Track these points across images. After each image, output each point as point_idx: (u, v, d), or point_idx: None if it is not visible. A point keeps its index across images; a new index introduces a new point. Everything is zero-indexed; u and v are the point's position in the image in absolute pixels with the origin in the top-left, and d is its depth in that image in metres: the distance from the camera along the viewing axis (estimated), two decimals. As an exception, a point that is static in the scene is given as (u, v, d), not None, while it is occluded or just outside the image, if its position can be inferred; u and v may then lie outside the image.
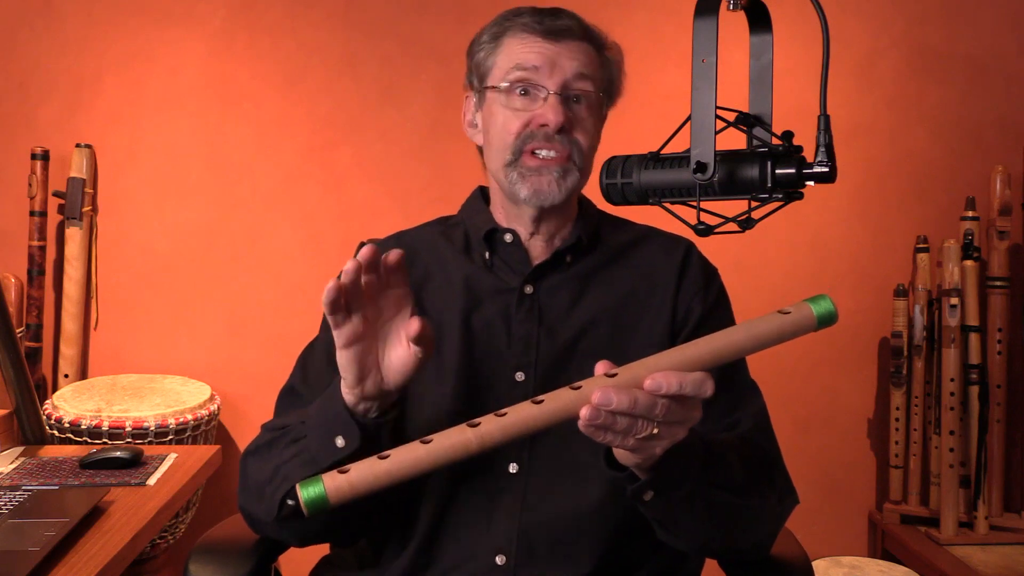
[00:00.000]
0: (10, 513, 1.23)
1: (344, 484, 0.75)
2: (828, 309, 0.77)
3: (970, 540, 2.25)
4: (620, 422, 0.77)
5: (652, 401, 0.76)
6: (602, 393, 0.75)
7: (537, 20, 1.10)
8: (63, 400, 2.05)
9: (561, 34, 1.09)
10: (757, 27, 0.95)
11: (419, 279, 1.15)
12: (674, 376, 0.76)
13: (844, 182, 1.70)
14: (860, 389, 2.47)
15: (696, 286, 1.14)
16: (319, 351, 1.15)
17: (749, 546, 1.05)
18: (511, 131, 1.09)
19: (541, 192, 1.09)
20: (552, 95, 1.07)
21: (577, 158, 1.09)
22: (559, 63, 1.08)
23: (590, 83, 1.10)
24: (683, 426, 0.81)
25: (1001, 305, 2.33)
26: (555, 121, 1.07)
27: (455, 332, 1.10)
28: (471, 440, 0.75)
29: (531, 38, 1.09)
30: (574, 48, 1.09)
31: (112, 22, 2.34)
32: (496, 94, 1.11)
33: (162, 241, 2.37)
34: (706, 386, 0.77)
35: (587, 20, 1.13)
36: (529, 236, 1.14)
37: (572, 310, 1.11)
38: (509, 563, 1.02)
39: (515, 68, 1.09)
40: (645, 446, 0.80)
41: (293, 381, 1.15)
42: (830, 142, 0.86)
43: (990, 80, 2.43)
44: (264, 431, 1.09)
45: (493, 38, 1.13)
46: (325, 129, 2.38)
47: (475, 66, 1.16)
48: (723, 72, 0.88)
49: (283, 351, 2.39)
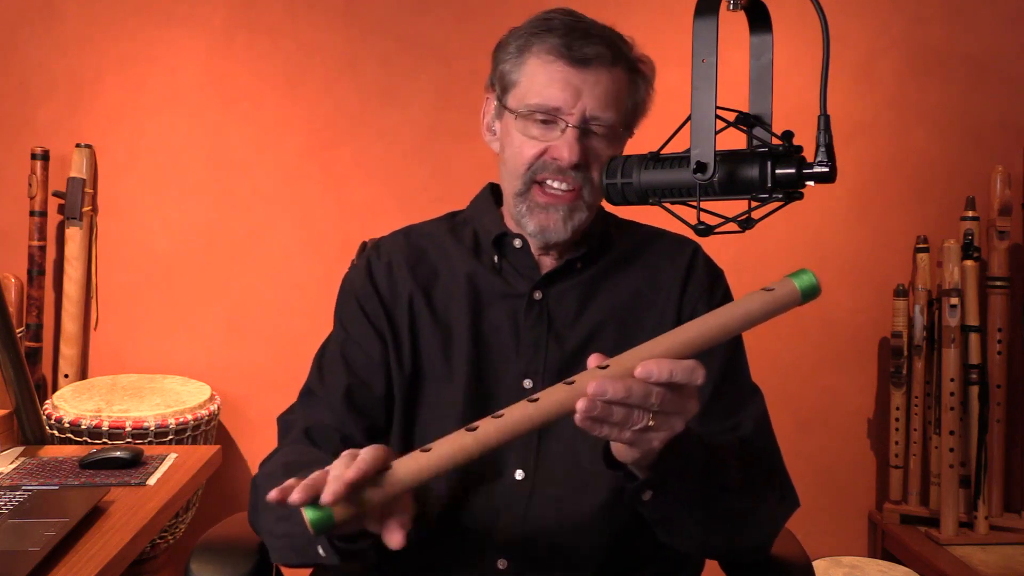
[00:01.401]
0: (10, 513, 1.23)
1: (352, 503, 0.74)
2: (811, 282, 0.78)
3: (970, 540, 2.25)
4: (616, 413, 0.76)
5: (647, 389, 0.75)
6: (597, 383, 0.75)
7: (565, 44, 1.04)
8: (63, 400, 2.05)
9: (589, 62, 1.04)
10: (757, 27, 0.95)
11: (427, 277, 1.14)
12: (665, 363, 0.76)
13: (844, 182, 1.70)
14: (860, 389, 2.47)
15: (701, 288, 1.14)
16: (332, 351, 1.14)
17: (748, 548, 1.05)
18: (524, 159, 1.07)
19: (547, 230, 1.08)
20: (570, 128, 1.04)
21: (587, 194, 1.07)
22: (583, 94, 1.04)
23: (613, 113, 1.06)
24: (680, 417, 0.79)
25: (1001, 305, 2.33)
26: (569, 160, 1.04)
27: (464, 335, 1.10)
28: (469, 445, 0.75)
29: (556, 63, 1.04)
30: (600, 78, 1.04)
31: (112, 22, 2.33)
32: (514, 117, 1.08)
33: (162, 241, 2.37)
34: (696, 373, 0.76)
35: (619, 34, 1.08)
36: (540, 253, 1.14)
37: (580, 315, 1.11)
38: (511, 568, 1.02)
39: (536, 104, 1.05)
40: (642, 439, 0.79)
41: (311, 383, 1.14)
42: (830, 142, 0.86)
43: (990, 80, 2.43)
44: (282, 448, 1.08)
45: (519, 51, 1.08)
46: (325, 129, 2.38)
47: (499, 74, 1.11)
48: (723, 72, 0.88)
49: (283, 351, 2.41)
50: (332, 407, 1.09)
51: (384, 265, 1.16)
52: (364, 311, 1.13)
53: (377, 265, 1.16)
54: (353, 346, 1.12)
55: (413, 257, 1.16)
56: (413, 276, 1.14)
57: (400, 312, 1.12)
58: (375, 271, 1.16)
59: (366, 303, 1.13)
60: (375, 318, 1.12)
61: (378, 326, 1.12)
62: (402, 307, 1.12)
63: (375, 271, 1.16)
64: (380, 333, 1.11)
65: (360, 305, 1.14)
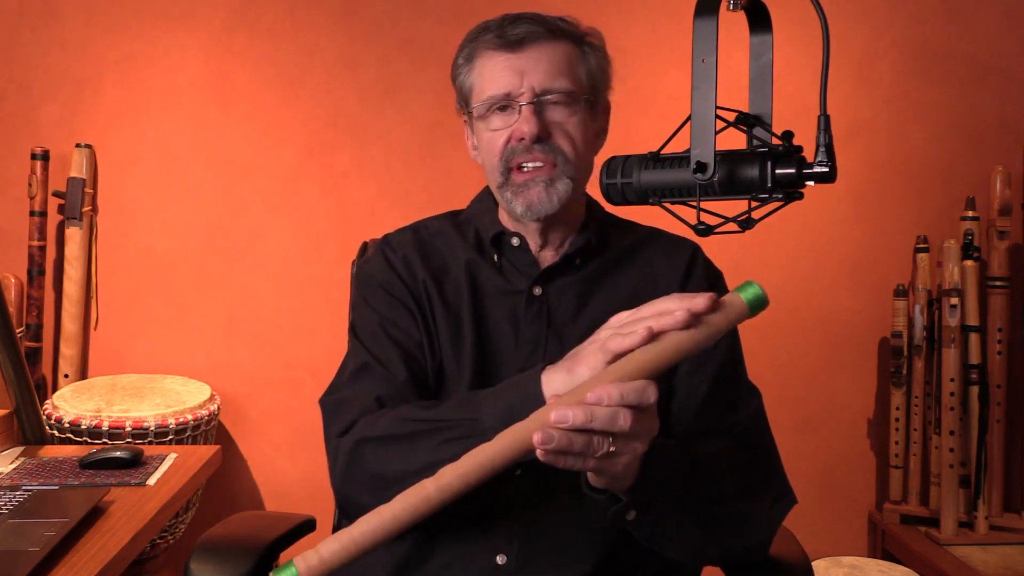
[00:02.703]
0: (10, 513, 1.23)
1: (316, 563, 0.74)
2: (756, 294, 0.77)
3: (970, 540, 2.25)
4: (576, 441, 0.74)
5: (612, 412, 0.74)
6: (558, 411, 0.74)
7: (498, 35, 1.08)
8: (63, 400, 2.05)
9: (522, 42, 1.07)
10: (757, 27, 0.95)
11: (438, 269, 1.15)
12: (614, 387, 0.75)
13: (844, 182, 1.71)
14: (860, 389, 2.47)
15: (700, 289, 1.13)
16: (372, 331, 1.12)
17: (745, 550, 1.05)
18: (496, 151, 1.09)
19: (533, 205, 1.08)
20: (523, 106, 1.07)
21: (562, 164, 1.08)
22: (525, 72, 1.07)
23: (567, 81, 1.08)
24: (641, 439, 0.78)
25: (1001, 305, 2.33)
26: (529, 132, 1.06)
27: (470, 329, 1.10)
28: (431, 494, 0.74)
29: (496, 55, 1.09)
30: (540, 51, 1.07)
31: (112, 22, 2.34)
32: (478, 118, 1.11)
33: (162, 241, 2.37)
34: (648, 392, 0.75)
35: (553, 15, 1.11)
36: (539, 248, 1.15)
37: (580, 311, 1.12)
38: (510, 564, 1.02)
39: (485, 91, 1.09)
40: (606, 465, 0.78)
41: (362, 358, 1.10)
42: (830, 142, 0.86)
43: (990, 80, 2.43)
44: (381, 417, 1.02)
45: (467, 60, 1.13)
46: (325, 130, 2.38)
47: (459, 91, 1.15)
48: (723, 72, 0.88)
49: (283, 351, 2.41)
50: (395, 378, 1.06)
51: (400, 257, 1.17)
52: (392, 294, 1.13)
53: (393, 257, 1.17)
54: (391, 325, 1.12)
55: (423, 250, 1.17)
56: (427, 267, 1.15)
57: (421, 301, 1.13)
58: (393, 261, 1.16)
59: (392, 288, 1.14)
60: (404, 299, 1.13)
61: (408, 306, 1.12)
62: (421, 296, 1.13)
63: (393, 261, 1.16)
64: (412, 313, 1.12)
65: (387, 290, 1.14)
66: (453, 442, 0.92)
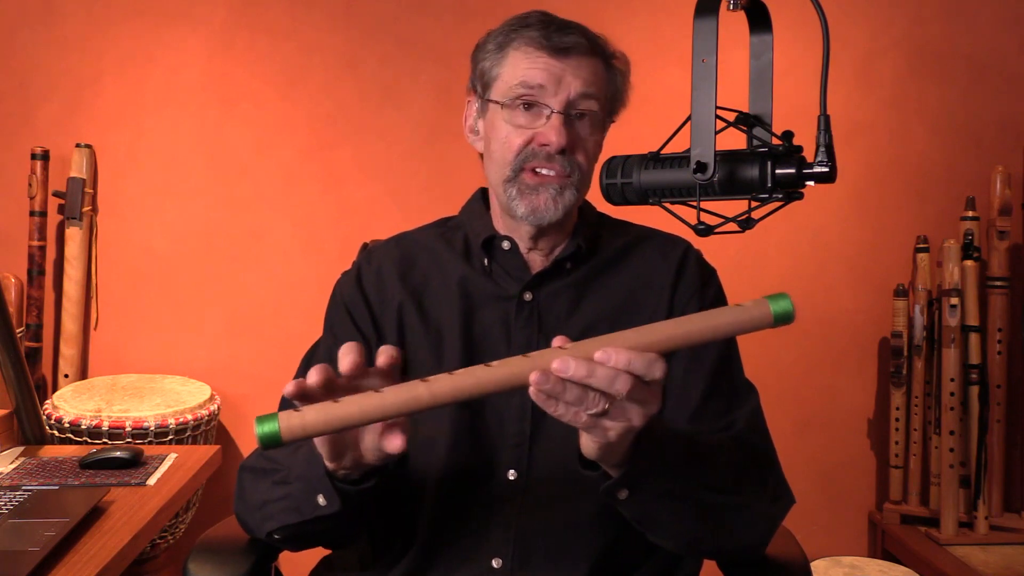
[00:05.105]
0: (10, 513, 1.23)
1: (297, 424, 0.75)
2: (786, 308, 0.76)
3: (970, 540, 2.25)
4: (570, 392, 0.74)
5: (613, 373, 0.74)
6: (562, 360, 0.74)
7: (544, 35, 1.07)
8: (63, 400, 2.05)
9: (568, 51, 1.06)
10: (757, 27, 0.95)
11: (418, 285, 1.15)
12: (623, 352, 0.74)
13: (844, 182, 1.71)
14: (860, 389, 2.47)
15: (693, 287, 1.13)
16: (319, 355, 1.15)
17: (740, 547, 1.04)
18: (512, 148, 1.08)
19: (538, 211, 1.08)
20: (555, 114, 1.06)
21: (575, 178, 1.09)
22: (564, 81, 1.06)
23: (595, 101, 1.08)
24: (638, 410, 0.77)
25: (1001, 305, 2.33)
26: (557, 143, 1.06)
27: (455, 338, 1.10)
28: (422, 394, 0.75)
29: (537, 53, 1.07)
30: (581, 65, 1.07)
31: (112, 22, 2.34)
32: (499, 108, 1.10)
33: (162, 241, 2.37)
34: (655, 368, 0.75)
35: (594, 30, 1.11)
36: (528, 251, 1.14)
37: (571, 317, 1.11)
38: (505, 567, 1.02)
39: (519, 85, 1.07)
40: (597, 426, 0.77)
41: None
42: (830, 142, 0.86)
43: (990, 80, 2.43)
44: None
45: (499, 48, 1.11)
46: (325, 129, 2.38)
47: (479, 73, 1.14)
48: (723, 72, 0.88)
49: (283, 351, 2.41)
50: None
51: (374, 272, 1.17)
52: (351, 316, 1.14)
53: (367, 271, 1.18)
54: (339, 350, 1.12)
55: (404, 265, 1.17)
56: (403, 284, 1.15)
57: (388, 319, 1.13)
58: (364, 278, 1.17)
59: (354, 309, 1.15)
60: (362, 323, 1.14)
61: (364, 331, 1.13)
62: (390, 314, 1.13)
63: (364, 278, 1.17)
64: (366, 338, 1.12)
65: (348, 311, 1.15)
66: (277, 485, 1.00)
